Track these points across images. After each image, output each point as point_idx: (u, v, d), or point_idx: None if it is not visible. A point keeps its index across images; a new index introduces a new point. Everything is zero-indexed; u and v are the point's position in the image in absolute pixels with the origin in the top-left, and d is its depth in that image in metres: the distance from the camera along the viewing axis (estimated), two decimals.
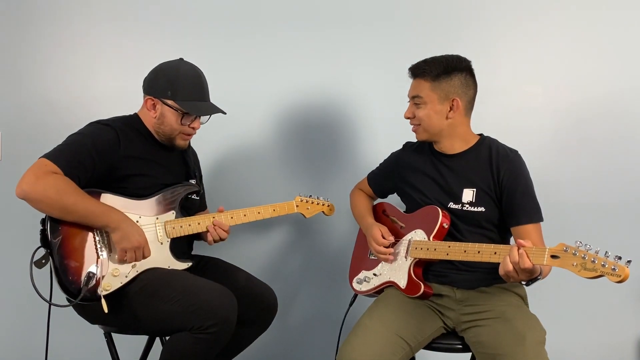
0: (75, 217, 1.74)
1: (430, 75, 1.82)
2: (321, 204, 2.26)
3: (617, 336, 2.44)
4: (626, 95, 2.40)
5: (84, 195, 1.74)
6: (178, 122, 1.92)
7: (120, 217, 1.79)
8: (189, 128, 1.95)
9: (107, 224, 1.77)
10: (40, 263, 1.75)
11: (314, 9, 2.51)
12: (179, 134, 1.95)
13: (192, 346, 1.74)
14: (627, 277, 1.31)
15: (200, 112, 1.93)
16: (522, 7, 2.43)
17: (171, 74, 1.92)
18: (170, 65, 1.95)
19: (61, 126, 1.97)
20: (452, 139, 1.88)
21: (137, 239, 1.80)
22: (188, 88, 1.92)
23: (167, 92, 1.90)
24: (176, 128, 1.93)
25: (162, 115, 1.92)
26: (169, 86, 1.90)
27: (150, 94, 1.93)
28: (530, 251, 1.50)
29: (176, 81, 1.91)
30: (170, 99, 1.90)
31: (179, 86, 1.90)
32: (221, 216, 2.04)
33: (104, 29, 2.55)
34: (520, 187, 1.79)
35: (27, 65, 2.56)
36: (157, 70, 1.96)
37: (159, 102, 1.92)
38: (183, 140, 1.98)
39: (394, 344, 1.72)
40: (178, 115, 1.91)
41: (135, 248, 1.80)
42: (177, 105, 1.90)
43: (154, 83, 1.94)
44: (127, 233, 1.78)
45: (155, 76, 1.95)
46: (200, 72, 1.98)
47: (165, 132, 1.95)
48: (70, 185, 1.72)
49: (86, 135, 1.83)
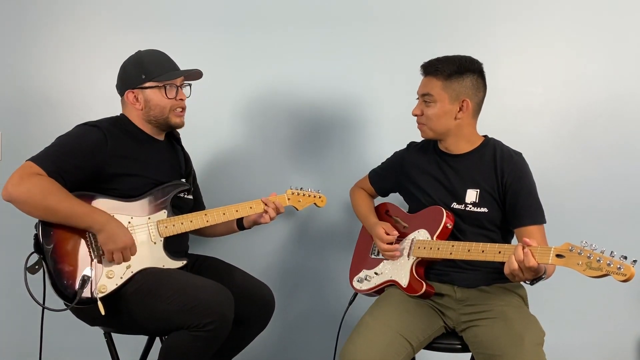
0: (59, 218, 1.74)
1: (443, 74, 1.82)
2: (312, 195, 2.28)
3: (617, 336, 2.45)
4: (627, 96, 2.41)
5: (67, 196, 1.73)
6: (165, 98, 1.94)
7: (104, 218, 1.78)
8: (177, 101, 1.97)
9: (91, 225, 1.77)
10: (34, 269, 1.75)
11: (316, 7, 2.52)
12: (171, 111, 1.97)
13: (190, 344, 1.75)
14: (632, 276, 1.32)
15: (177, 75, 1.96)
16: (523, 7, 2.44)
17: (136, 61, 1.97)
18: (131, 57, 2.00)
19: (61, 126, 1.95)
20: (458, 139, 1.88)
21: (123, 239, 1.79)
22: (157, 64, 1.96)
23: (140, 77, 1.93)
24: (165, 105, 1.95)
25: (147, 101, 1.94)
26: (140, 71, 1.94)
27: (127, 87, 1.96)
28: (535, 250, 1.50)
29: (144, 64, 1.95)
30: (147, 81, 1.93)
31: (148, 67, 1.94)
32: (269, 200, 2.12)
33: (104, 29, 2.55)
34: (524, 188, 1.80)
35: (27, 65, 2.55)
36: (122, 67, 2.00)
37: (139, 91, 1.94)
38: (177, 116, 1.99)
39: (397, 343, 1.72)
40: (161, 90, 1.94)
41: (121, 249, 1.79)
42: (155, 82, 1.93)
43: (125, 77, 1.97)
44: (112, 234, 1.77)
45: (123, 71, 1.98)
46: (160, 50, 2.02)
47: (156, 116, 1.96)
48: (54, 185, 1.72)
49: (73, 136, 1.84)
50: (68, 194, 1.74)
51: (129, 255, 1.82)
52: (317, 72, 2.51)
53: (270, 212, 2.11)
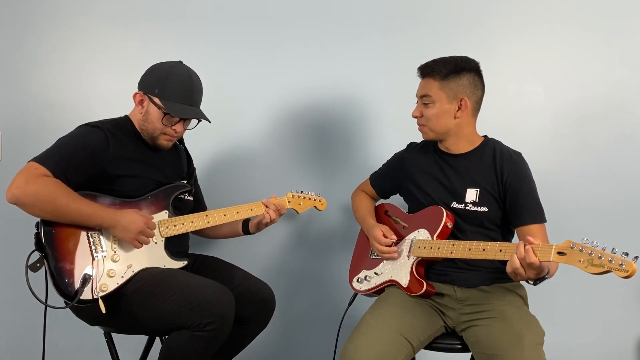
0: (68, 219, 1.74)
1: (440, 74, 1.83)
2: (313, 198, 2.28)
3: (617, 336, 2.45)
4: (627, 94, 2.42)
5: (75, 197, 1.74)
6: (160, 122, 1.91)
7: (111, 214, 1.79)
8: (171, 129, 1.93)
9: (101, 223, 1.77)
10: (35, 267, 1.75)
11: (319, 8, 2.52)
12: (161, 134, 1.94)
13: (190, 344, 1.74)
14: (634, 272, 1.32)
15: (180, 114, 1.90)
16: (523, 7, 2.45)
17: (163, 73, 1.92)
18: (166, 64, 1.95)
19: (61, 126, 1.95)
20: (458, 138, 1.89)
21: (136, 224, 1.80)
22: (176, 89, 1.91)
23: (154, 89, 1.90)
24: (158, 127, 1.92)
25: (147, 112, 1.92)
26: (158, 84, 1.90)
27: (140, 88, 1.95)
28: (537, 248, 1.51)
29: (166, 80, 1.90)
30: (157, 97, 1.90)
31: (167, 85, 1.90)
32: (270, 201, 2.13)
33: (104, 29, 2.54)
34: (524, 188, 1.80)
35: (27, 65, 2.55)
36: (152, 68, 1.97)
37: (146, 98, 1.92)
38: (165, 141, 1.96)
39: (398, 343, 1.72)
40: (160, 114, 1.90)
41: (139, 233, 1.81)
42: (160, 103, 1.90)
43: (146, 78, 1.95)
44: (124, 225, 1.79)
45: (149, 73, 1.96)
46: (194, 77, 1.97)
47: (147, 130, 1.94)
48: (62, 187, 1.72)
49: (75, 137, 1.83)
50: (76, 195, 1.74)
51: (150, 232, 1.85)
52: (319, 74, 2.52)
53: (271, 213, 2.11)
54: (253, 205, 2.12)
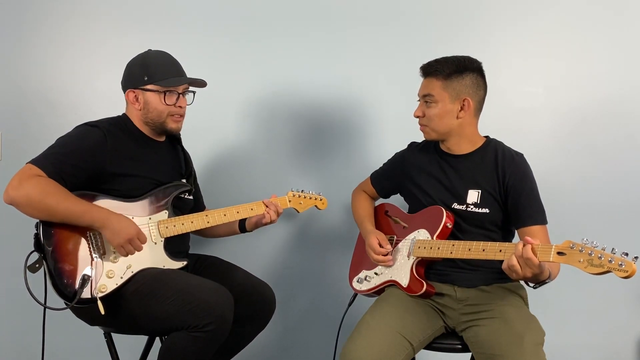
0: (60, 217, 1.73)
1: (442, 74, 1.83)
2: (313, 198, 2.28)
3: (617, 336, 2.45)
4: (628, 95, 2.41)
5: (66, 196, 1.73)
6: (163, 103, 1.93)
7: (104, 214, 1.77)
8: (176, 107, 1.96)
9: (92, 223, 1.76)
10: (34, 267, 1.75)
11: (319, 8, 2.52)
12: (168, 117, 1.96)
13: (189, 345, 1.74)
14: (634, 273, 1.32)
15: (178, 83, 1.94)
16: (523, 7, 2.45)
17: (141, 62, 1.95)
18: (139, 55, 1.99)
19: (61, 126, 1.95)
20: (460, 139, 1.88)
21: (127, 231, 1.79)
22: (162, 67, 1.94)
23: (143, 79, 1.92)
24: (162, 110, 1.94)
25: (146, 103, 1.93)
26: (144, 72, 1.92)
27: (129, 86, 1.95)
28: (537, 248, 1.50)
29: (148, 65, 1.93)
30: (148, 83, 1.92)
31: (152, 69, 1.92)
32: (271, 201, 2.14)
33: (104, 29, 2.55)
34: (525, 189, 1.80)
35: (27, 65, 2.55)
36: (128, 65, 1.99)
37: (140, 92, 1.93)
38: (174, 122, 1.98)
39: (398, 343, 1.72)
40: (160, 96, 1.92)
41: (128, 240, 1.79)
42: (156, 86, 1.92)
43: (129, 75, 1.96)
44: (116, 229, 1.77)
45: (129, 70, 1.97)
46: (169, 54, 2.00)
47: (154, 119, 1.95)
48: (52, 186, 1.71)
49: (73, 137, 1.84)
50: (67, 193, 1.73)
51: (139, 244, 1.82)
52: (320, 74, 2.52)
53: (271, 213, 2.11)
54: (253, 204, 2.12)
